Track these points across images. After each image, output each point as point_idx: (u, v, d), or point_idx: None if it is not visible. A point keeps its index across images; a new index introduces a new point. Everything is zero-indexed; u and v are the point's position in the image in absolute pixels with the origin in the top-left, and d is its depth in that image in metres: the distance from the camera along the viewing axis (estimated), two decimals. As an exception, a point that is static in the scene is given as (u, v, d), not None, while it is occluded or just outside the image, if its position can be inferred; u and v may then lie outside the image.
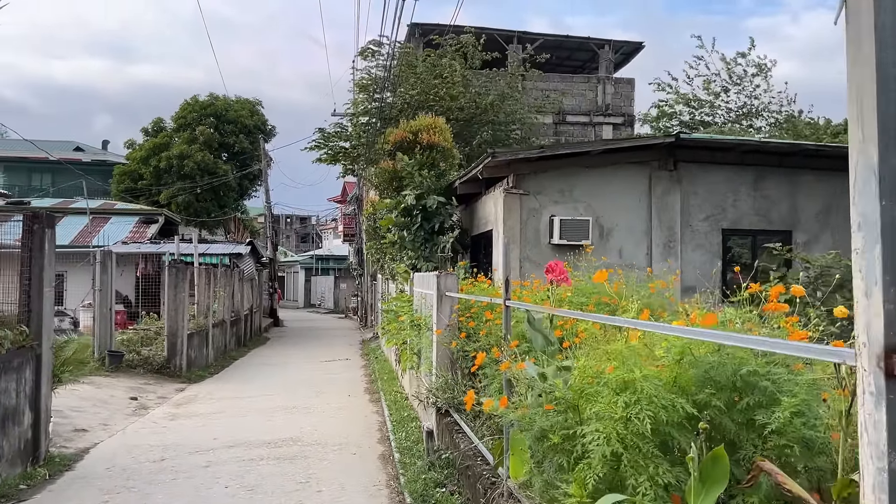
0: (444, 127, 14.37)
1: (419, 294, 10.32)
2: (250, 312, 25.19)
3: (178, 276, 14.57)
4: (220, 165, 41.38)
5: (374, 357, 18.27)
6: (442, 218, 13.02)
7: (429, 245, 13.00)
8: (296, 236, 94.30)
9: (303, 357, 19.68)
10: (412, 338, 10.22)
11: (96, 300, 14.17)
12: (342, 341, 25.07)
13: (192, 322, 16.52)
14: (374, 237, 18.80)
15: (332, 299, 51.55)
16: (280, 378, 15.07)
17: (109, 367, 13.80)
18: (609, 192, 11.64)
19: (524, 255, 11.41)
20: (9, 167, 48.90)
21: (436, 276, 8.01)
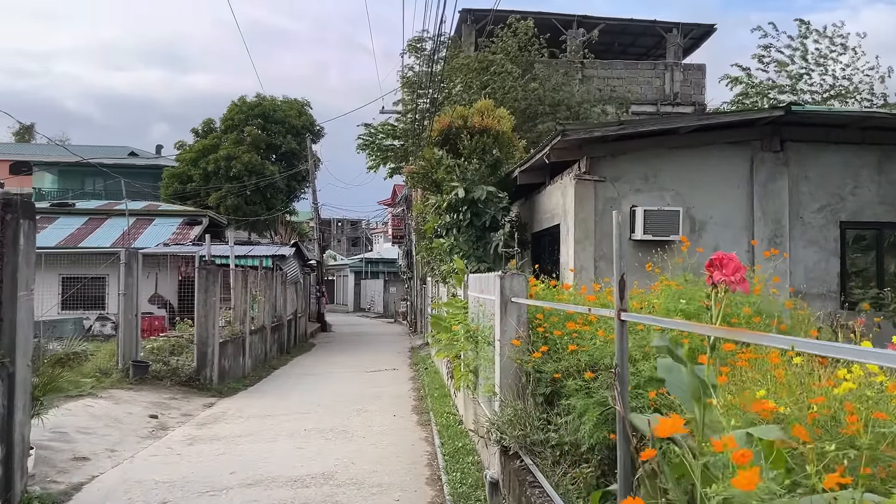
0: (503, 112, 12.68)
1: (474, 299, 8.66)
2: (294, 317, 23.93)
3: (208, 278, 13.24)
4: (267, 167, 40.55)
5: (423, 367, 16.67)
6: (494, 212, 11.33)
7: (481, 244, 11.34)
8: (347, 240, 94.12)
9: (347, 366, 18.22)
10: (467, 351, 8.54)
11: (120, 305, 12.94)
12: (390, 348, 23.57)
13: (226, 329, 15.22)
14: (423, 237, 17.24)
15: (382, 303, 50.32)
16: (319, 391, 13.59)
17: (133, 379, 12.53)
18: (701, 178, 9.77)
19: (599, 252, 9.62)
20: (63, 171, 49.15)
21: (498, 278, 6.33)
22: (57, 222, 27.01)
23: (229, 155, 39.74)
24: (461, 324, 8.79)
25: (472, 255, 11.04)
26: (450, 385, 11.74)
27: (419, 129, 18.80)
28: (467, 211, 11.08)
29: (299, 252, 26.70)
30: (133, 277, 12.99)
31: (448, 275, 11.71)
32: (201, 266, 13.27)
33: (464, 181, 11.07)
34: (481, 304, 7.86)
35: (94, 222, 27.31)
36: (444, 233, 11.45)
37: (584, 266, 9.51)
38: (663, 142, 9.71)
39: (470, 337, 8.28)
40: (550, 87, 20.37)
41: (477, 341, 8.03)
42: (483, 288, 7.80)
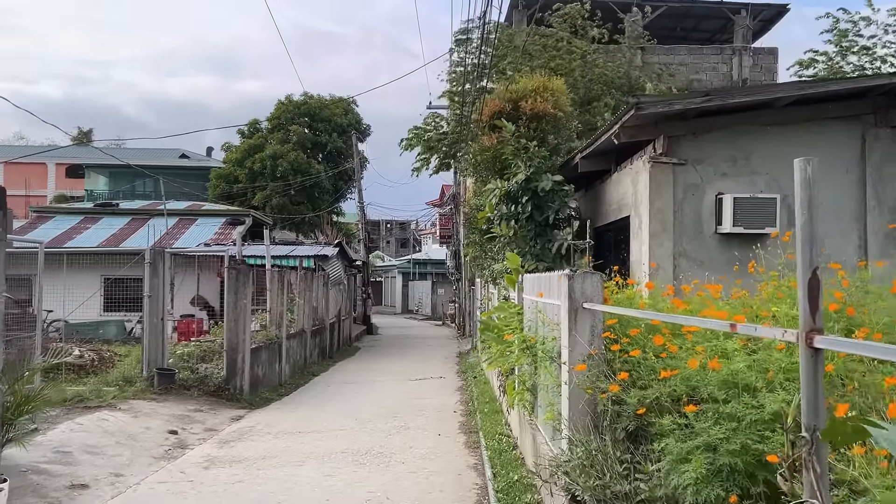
0: (559, 87, 11.27)
1: (531, 304, 7.33)
2: (338, 320, 22.93)
3: (238, 279, 12.22)
4: (313, 166, 39.88)
5: (471, 376, 15.37)
6: (558, 205, 9.96)
7: (541, 241, 9.98)
8: (395, 242, 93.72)
9: (391, 373, 17.05)
10: (523, 366, 7.22)
11: (145, 308, 12.02)
12: (437, 353, 22.33)
13: (261, 333, 14.21)
14: (472, 234, 15.95)
15: (430, 305, 49.23)
16: (358, 403, 12.43)
17: (158, 389, 11.58)
18: (802, 160, 8.21)
19: (679, 249, 8.16)
20: (114, 173, 49.62)
21: (566, 278, 4.99)
22: (100, 223, 26.67)
23: (275, 154, 39.20)
24: (515, 333, 7.47)
25: (529, 253, 9.70)
26: (501, 400, 10.41)
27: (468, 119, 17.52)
28: (528, 202, 9.73)
29: (343, 252, 25.72)
30: (159, 278, 12.05)
31: (500, 275, 10.39)
32: (230, 266, 12.25)
33: (529, 167, 9.72)
34: (540, 311, 6.53)
35: (136, 222, 26.88)
36: (499, 225, 10.12)
37: (661, 264, 8.07)
38: (755, 118, 8.20)
39: (527, 350, 6.96)
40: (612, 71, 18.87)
41: (535, 355, 6.70)
42: (543, 290, 6.47)
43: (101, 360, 13.26)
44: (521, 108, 11.39)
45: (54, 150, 67.69)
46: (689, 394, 4.11)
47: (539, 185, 9.73)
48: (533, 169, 9.75)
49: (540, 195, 9.84)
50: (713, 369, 4.04)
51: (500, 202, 10.25)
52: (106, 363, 13.27)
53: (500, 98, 11.88)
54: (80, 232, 25.53)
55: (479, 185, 16.49)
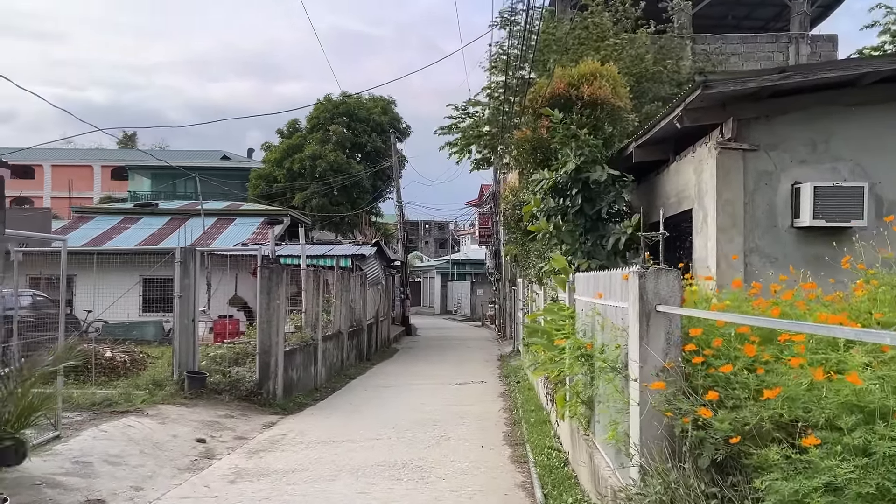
0: (614, 75, 10.46)
1: (586, 306, 6.59)
2: (376, 321, 22.39)
3: (271, 279, 11.70)
4: (353, 165, 39.55)
5: (514, 381, 14.63)
6: (613, 197, 9.18)
7: (592, 237, 9.19)
8: (434, 242, 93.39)
9: (430, 377, 16.41)
10: (577, 375, 6.47)
11: (175, 309, 11.58)
12: (477, 356, 21.62)
13: (295, 335, 13.71)
14: (514, 231, 15.21)
15: (469, 306, 48.50)
16: (396, 409, 11.81)
17: (188, 393, 11.12)
18: (891, 144, 7.31)
19: (750, 245, 7.33)
20: (156, 175, 50.12)
21: (636, 276, 4.25)
22: (140, 223, 26.65)
23: (314, 154, 38.98)
24: (567, 338, 6.73)
25: (580, 251, 8.93)
26: (550, 409, 9.67)
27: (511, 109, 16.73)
28: (577, 195, 8.96)
29: (381, 252, 25.19)
30: (190, 278, 11.60)
31: (547, 274, 9.65)
32: (263, 265, 11.74)
33: (579, 157, 8.95)
34: (598, 313, 5.78)
35: (175, 222, 26.80)
36: (546, 220, 9.36)
37: (729, 262, 7.24)
38: (837, 97, 7.31)
39: (581, 358, 6.21)
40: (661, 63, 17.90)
41: (592, 364, 5.96)
42: (602, 291, 5.72)
43: (132, 361, 12.89)
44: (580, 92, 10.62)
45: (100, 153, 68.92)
46: (798, 418, 3.35)
47: (591, 177, 8.95)
48: (583, 158, 8.97)
49: (591, 187, 9.06)
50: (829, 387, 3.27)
51: (546, 195, 9.50)
52: (138, 365, 12.89)
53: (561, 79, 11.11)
54: (119, 232, 25.53)
55: (522, 180, 15.74)
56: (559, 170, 9.26)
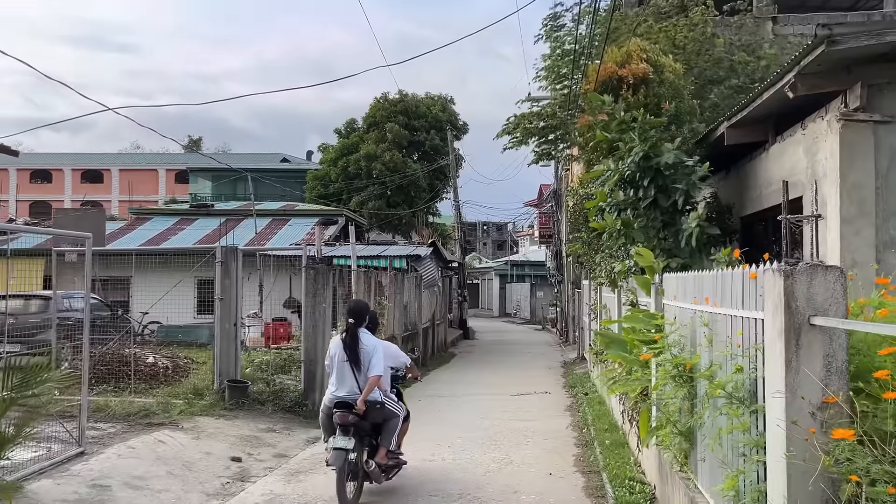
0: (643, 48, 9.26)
1: (684, 314, 5.39)
2: (431, 324, 21.41)
3: (317, 280, 10.81)
4: (409, 165, 38.76)
5: (582, 392, 13.39)
6: (686, 187, 7.89)
7: (669, 232, 7.92)
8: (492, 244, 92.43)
9: (489, 385, 15.30)
10: (672, 398, 5.26)
11: (216, 312, 10.82)
12: (540, 363, 20.38)
13: (345, 341, 12.80)
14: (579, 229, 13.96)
15: (528, 308, 47.12)
16: (452, 423, 10.76)
17: (228, 403, 10.32)
18: None
19: (883, 238, 5.98)
20: (217, 177, 50.51)
21: (778, 275, 3.05)
22: (195, 224, 26.44)
23: (369, 154, 38.34)
24: (660, 350, 5.52)
25: (658, 248, 7.69)
26: (627, 430, 8.44)
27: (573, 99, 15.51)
28: (650, 185, 7.72)
29: (437, 252, 24.21)
30: (231, 279, 10.83)
31: (622, 275, 8.42)
32: (308, 266, 10.86)
33: (645, 141, 7.71)
34: (705, 324, 4.58)
35: (230, 223, 26.43)
36: (612, 217, 8.15)
37: (857, 259, 5.91)
38: None
39: (678, 378, 5.01)
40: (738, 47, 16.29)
41: (693, 387, 4.77)
42: (709, 295, 4.52)
43: (175, 368, 12.21)
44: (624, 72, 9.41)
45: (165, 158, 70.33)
46: None
47: (661, 161, 7.68)
48: (650, 143, 7.71)
49: (664, 174, 7.79)
50: None
51: (614, 188, 8.27)
52: (181, 372, 12.21)
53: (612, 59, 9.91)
54: (174, 233, 25.33)
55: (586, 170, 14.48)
56: (625, 158, 8.02)
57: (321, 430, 7.03)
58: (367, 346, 6.63)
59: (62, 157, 69.60)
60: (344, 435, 6.35)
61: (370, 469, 6.53)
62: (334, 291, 15.58)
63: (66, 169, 67.48)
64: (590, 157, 10.30)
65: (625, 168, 7.80)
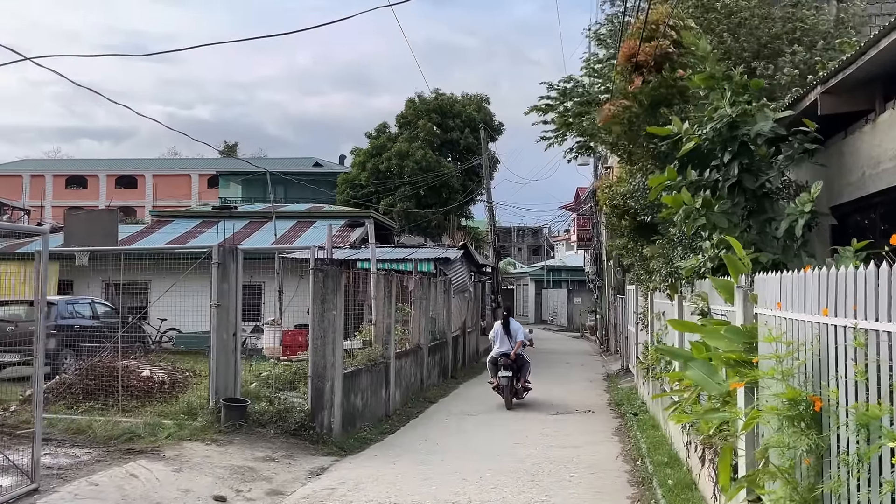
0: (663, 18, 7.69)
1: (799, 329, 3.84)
2: (462, 332, 19.94)
3: (326, 284, 9.43)
4: (442, 164, 37.41)
5: (630, 412, 11.80)
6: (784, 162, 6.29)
7: (757, 220, 6.32)
8: (527, 249, 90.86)
9: (524, 402, 13.74)
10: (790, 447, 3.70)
11: (211, 321, 9.51)
12: (579, 375, 18.74)
13: (362, 352, 11.44)
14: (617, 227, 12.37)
15: (566, 315, 45.31)
16: (482, 449, 9.28)
17: (224, 425, 8.98)
18: None
19: None
20: (246, 181, 49.81)
21: None
22: (217, 226, 25.46)
23: (401, 152, 37.07)
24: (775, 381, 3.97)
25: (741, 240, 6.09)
26: (695, 467, 6.86)
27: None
28: (732, 161, 6.15)
29: (469, 256, 22.74)
30: (230, 283, 9.52)
31: (693, 274, 6.84)
32: (316, 268, 9.48)
33: (733, 104, 6.13)
34: (859, 344, 3.03)
35: (253, 225, 25.44)
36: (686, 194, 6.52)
37: None
38: None
39: (799, 421, 3.47)
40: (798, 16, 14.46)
41: (821, 436, 3.22)
42: (861, 305, 2.97)
43: (173, 382, 10.95)
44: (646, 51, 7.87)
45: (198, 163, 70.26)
46: None
47: (753, 130, 6.10)
48: (740, 109, 6.12)
49: (749, 147, 6.20)
50: None
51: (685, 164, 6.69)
52: (179, 387, 10.94)
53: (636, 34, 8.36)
54: (194, 236, 24.35)
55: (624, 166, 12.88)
56: (704, 125, 6.43)
57: (487, 372, 14.01)
58: (514, 326, 13.41)
59: (97, 162, 70.03)
60: (506, 370, 12.61)
61: (518, 387, 12.78)
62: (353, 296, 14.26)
63: (101, 175, 67.80)
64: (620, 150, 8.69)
65: (703, 134, 6.21)
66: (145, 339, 17.89)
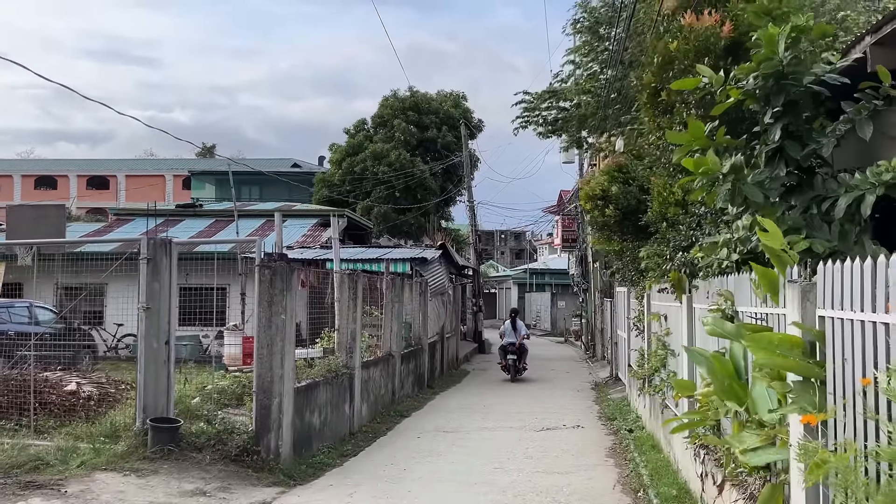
0: None
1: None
2: (440, 338, 18.60)
3: (274, 284, 8.04)
4: (418, 165, 36.04)
5: (624, 427, 10.54)
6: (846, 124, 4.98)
7: (801, 198, 4.99)
8: (510, 253, 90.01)
9: (507, 414, 12.45)
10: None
11: (140, 327, 8.09)
12: (565, 384, 17.47)
13: (320, 363, 10.08)
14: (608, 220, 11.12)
15: (549, 319, 44.11)
16: (456, 476, 7.95)
17: (151, 450, 7.57)
18: None
19: None
20: (220, 181, 48.26)
21: None
22: (180, 225, 23.97)
23: (376, 153, 35.72)
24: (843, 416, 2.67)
25: (782, 221, 4.78)
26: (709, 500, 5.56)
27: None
28: (775, 123, 4.86)
29: (448, 256, 21.41)
30: (160, 282, 8.11)
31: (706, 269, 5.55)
32: (262, 264, 8.09)
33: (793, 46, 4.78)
34: None
35: (219, 224, 23.96)
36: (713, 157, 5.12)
37: None
38: None
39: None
40: None
41: None
42: None
43: (102, 398, 9.51)
44: None
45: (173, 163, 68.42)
46: None
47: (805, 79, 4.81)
48: (793, 54, 4.83)
49: (800, 107, 4.92)
50: None
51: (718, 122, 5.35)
52: (109, 402, 9.50)
53: None
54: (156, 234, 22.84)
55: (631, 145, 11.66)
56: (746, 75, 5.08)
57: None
58: (519, 324, 18.38)
59: (68, 163, 68.02)
60: (512, 354, 17.35)
61: (519, 366, 17.47)
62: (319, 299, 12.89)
63: (72, 175, 65.82)
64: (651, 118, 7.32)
65: (748, 85, 4.89)
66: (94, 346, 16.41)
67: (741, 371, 4.80)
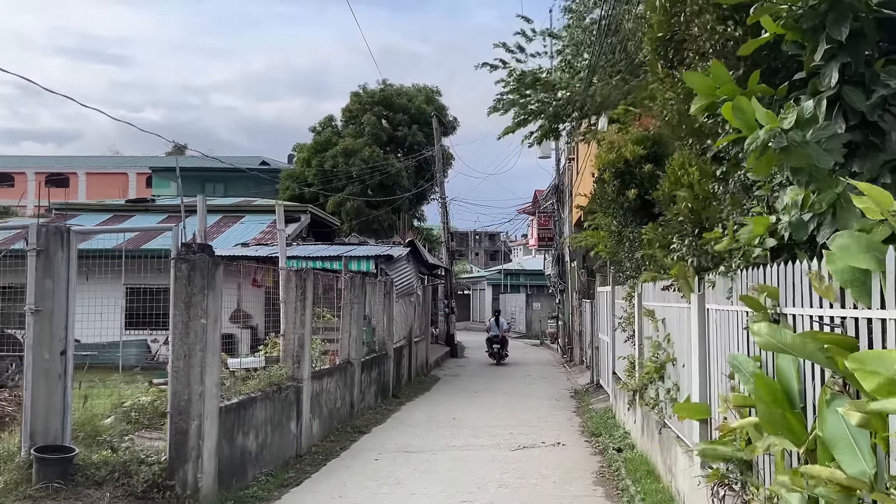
0: None
1: None
2: (408, 343, 17.20)
3: (192, 281, 6.60)
4: (390, 161, 34.61)
5: (612, 444, 9.26)
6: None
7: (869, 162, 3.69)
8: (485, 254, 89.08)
9: (479, 429, 11.09)
10: None
11: (29, 333, 6.58)
12: (543, 392, 16.15)
13: (260, 375, 8.63)
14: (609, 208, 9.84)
15: (524, 321, 42.91)
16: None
17: (37, 486, 6.08)
18: None
19: None
20: (184, 177, 46.26)
21: None
22: (130, 221, 22.27)
23: (347, 149, 34.24)
24: None
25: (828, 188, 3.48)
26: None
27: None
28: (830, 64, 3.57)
29: (417, 254, 20.02)
30: (54, 279, 6.61)
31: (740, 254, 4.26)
32: (179, 257, 6.63)
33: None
34: None
35: (172, 220, 22.30)
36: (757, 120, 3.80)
37: None
38: None
39: None
40: None
41: None
42: None
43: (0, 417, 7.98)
44: None
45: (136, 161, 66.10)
46: None
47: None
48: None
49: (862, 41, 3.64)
50: None
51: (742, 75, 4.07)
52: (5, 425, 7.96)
53: None
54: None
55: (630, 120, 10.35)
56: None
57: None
58: (501, 320, 24.54)
59: (25, 160, 65.42)
60: (497, 344, 23.20)
61: (503, 354, 23.19)
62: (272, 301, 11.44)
63: (30, 172, 63.26)
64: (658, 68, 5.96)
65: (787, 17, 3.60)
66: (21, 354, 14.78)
67: (794, 397, 3.51)
